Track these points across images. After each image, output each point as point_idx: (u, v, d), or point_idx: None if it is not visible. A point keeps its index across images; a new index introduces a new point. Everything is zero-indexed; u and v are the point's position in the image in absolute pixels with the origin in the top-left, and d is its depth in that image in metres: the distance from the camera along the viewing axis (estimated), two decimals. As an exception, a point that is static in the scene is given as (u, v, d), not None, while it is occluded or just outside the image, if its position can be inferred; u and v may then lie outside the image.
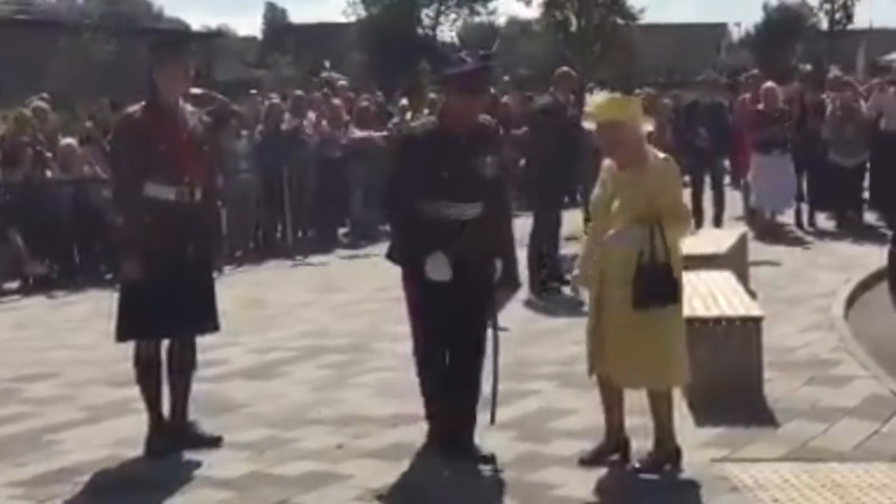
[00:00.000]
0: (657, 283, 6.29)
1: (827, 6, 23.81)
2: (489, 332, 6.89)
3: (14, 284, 14.08)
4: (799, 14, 52.83)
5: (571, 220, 13.06)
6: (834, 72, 21.67)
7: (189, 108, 7.24)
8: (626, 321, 6.36)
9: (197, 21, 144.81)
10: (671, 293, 6.35)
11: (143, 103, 7.07)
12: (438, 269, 6.65)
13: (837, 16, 24.65)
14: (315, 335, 10.58)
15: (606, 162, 6.61)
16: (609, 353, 6.47)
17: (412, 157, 6.81)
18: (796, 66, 24.54)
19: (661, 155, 6.51)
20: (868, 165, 17.46)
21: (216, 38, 59.46)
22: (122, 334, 7.05)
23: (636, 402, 6.68)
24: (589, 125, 6.53)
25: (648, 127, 6.50)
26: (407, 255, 6.91)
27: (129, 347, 7.15)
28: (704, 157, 16.50)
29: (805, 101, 17.83)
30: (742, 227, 14.57)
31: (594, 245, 6.58)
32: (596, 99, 6.52)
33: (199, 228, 7.04)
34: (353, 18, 64.36)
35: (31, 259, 13.95)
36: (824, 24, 27.32)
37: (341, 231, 18.16)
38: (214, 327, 7.28)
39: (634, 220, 6.31)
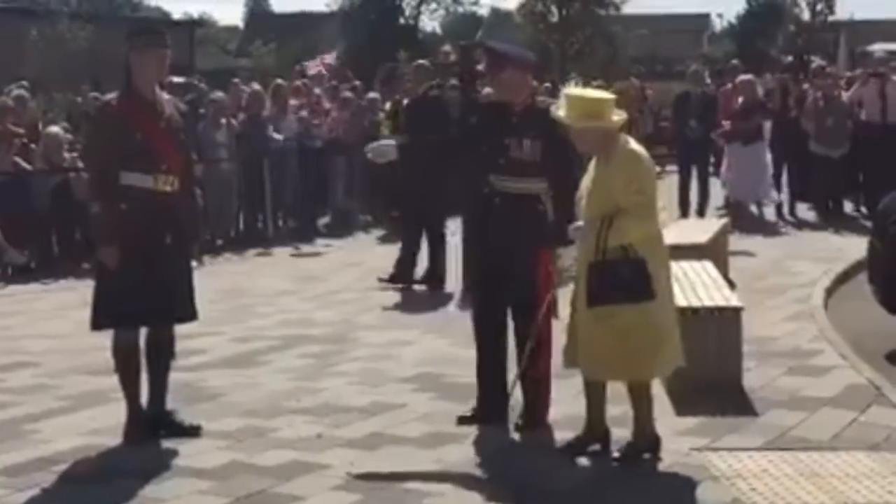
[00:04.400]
0: (607, 280, 6.29)
1: (808, -2, 23.97)
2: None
3: (-7, 273, 13.99)
4: (781, 5, 52.97)
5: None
6: (816, 62, 21.70)
7: (166, 96, 7.21)
8: (590, 314, 6.41)
9: (178, 9, 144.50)
10: (631, 291, 6.30)
11: (119, 92, 7.05)
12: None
13: (819, 7, 24.67)
14: (295, 324, 10.56)
15: None
16: (579, 346, 6.52)
17: (465, 123, 7.52)
18: (778, 57, 24.60)
19: (634, 146, 6.51)
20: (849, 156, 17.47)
21: (197, 27, 59.26)
22: (99, 322, 7.02)
23: (616, 392, 6.68)
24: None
25: (619, 118, 6.48)
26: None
27: (109, 336, 7.11)
28: (694, 148, 16.56)
29: (787, 91, 17.89)
30: (724, 218, 14.57)
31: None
32: (569, 95, 6.52)
33: (176, 217, 7.01)
34: (334, 8, 64.25)
35: (10, 248, 13.85)
36: (806, 15, 27.44)
37: (322, 221, 18.11)
38: (192, 316, 7.24)
39: (596, 211, 6.34)
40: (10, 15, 41.13)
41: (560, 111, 6.49)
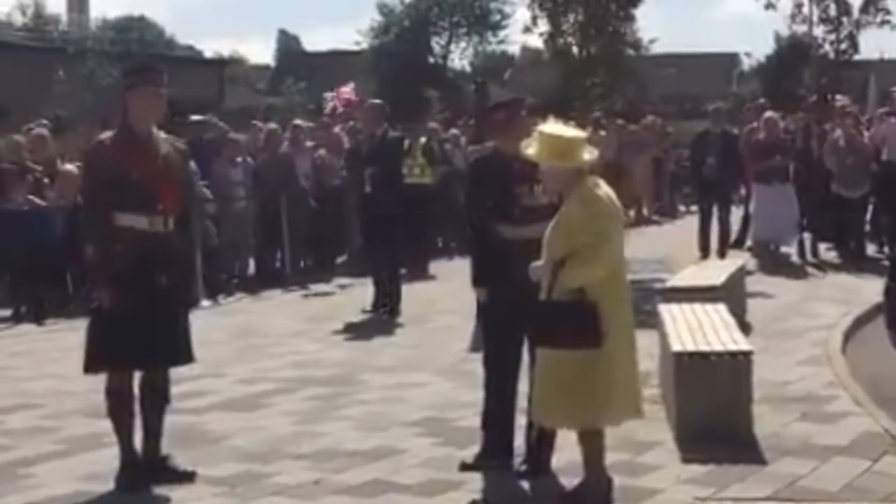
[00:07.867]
0: (553, 322, 6.18)
1: (831, 37, 23.64)
2: None
3: (7, 312, 13.91)
4: (807, 44, 52.85)
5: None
6: (842, 101, 21.43)
7: (163, 135, 7.09)
8: (538, 362, 6.38)
9: (209, 48, 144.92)
10: (576, 336, 6.11)
11: (115, 131, 6.95)
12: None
13: (843, 46, 24.46)
14: (304, 366, 10.41)
15: None
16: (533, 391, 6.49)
17: (475, 180, 7.50)
18: (804, 96, 24.40)
19: (600, 190, 6.34)
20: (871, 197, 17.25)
21: (228, 65, 59.44)
22: (92, 365, 6.89)
23: (613, 440, 6.51)
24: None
25: (590, 156, 6.34)
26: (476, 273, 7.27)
27: (107, 379, 6.99)
28: (712, 186, 16.38)
29: (810, 131, 17.69)
30: (742, 258, 14.39)
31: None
32: (541, 132, 6.38)
33: (172, 258, 6.89)
34: (365, 46, 64.30)
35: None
36: (831, 55, 27.17)
37: (339, 260, 17.97)
38: (188, 359, 7.11)
39: (556, 251, 6.24)
40: (37, 53, 41.38)
41: (530, 149, 6.35)
